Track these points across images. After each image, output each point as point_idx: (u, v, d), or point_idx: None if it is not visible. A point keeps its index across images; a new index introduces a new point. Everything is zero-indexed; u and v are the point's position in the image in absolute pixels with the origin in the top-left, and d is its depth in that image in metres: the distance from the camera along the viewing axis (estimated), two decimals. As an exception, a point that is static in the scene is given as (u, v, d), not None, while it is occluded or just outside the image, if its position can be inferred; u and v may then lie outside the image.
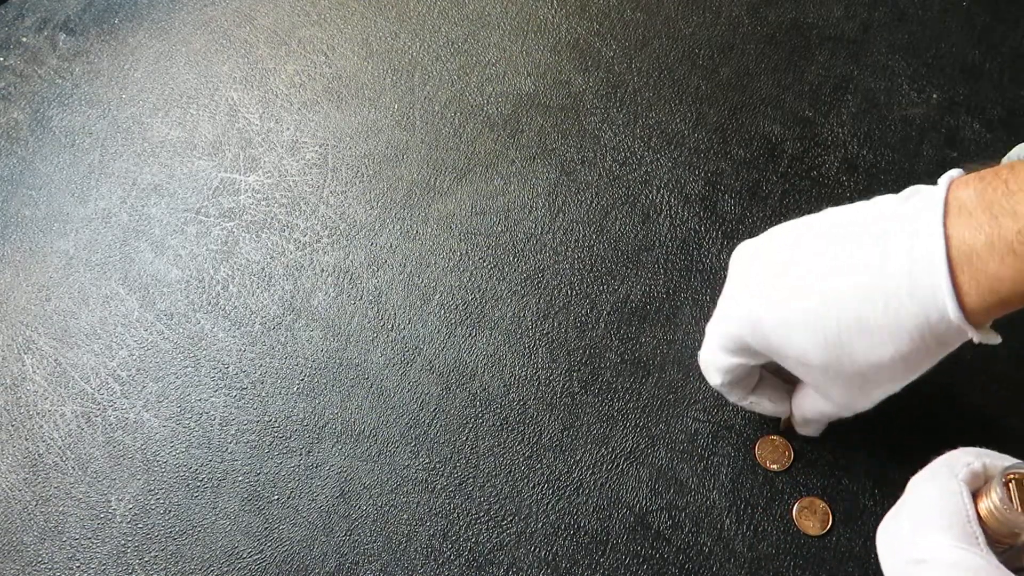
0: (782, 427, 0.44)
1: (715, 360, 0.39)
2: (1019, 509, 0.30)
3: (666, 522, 0.43)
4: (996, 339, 0.32)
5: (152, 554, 0.45)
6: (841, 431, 0.43)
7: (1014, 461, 0.31)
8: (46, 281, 0.55)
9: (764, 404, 0.42)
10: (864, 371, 0.33)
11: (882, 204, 0.34)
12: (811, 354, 0.34)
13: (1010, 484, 0.30)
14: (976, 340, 0.31)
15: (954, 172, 0.33)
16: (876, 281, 0.31)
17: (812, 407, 0.40)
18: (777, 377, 0.43)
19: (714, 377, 0.40)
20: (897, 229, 0.31)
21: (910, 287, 0.30)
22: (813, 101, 0.54)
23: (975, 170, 0.32)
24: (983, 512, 0.30)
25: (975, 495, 0.31)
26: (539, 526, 0.44)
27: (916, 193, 0.33)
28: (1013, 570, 0.31)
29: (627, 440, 0.45)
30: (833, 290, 0.32)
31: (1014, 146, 0.50)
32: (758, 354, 0.37)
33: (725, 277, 0.49)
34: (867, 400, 0.36)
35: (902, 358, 0.32)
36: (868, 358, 0.33)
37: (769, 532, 0.42)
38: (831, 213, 0.36)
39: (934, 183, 0.33)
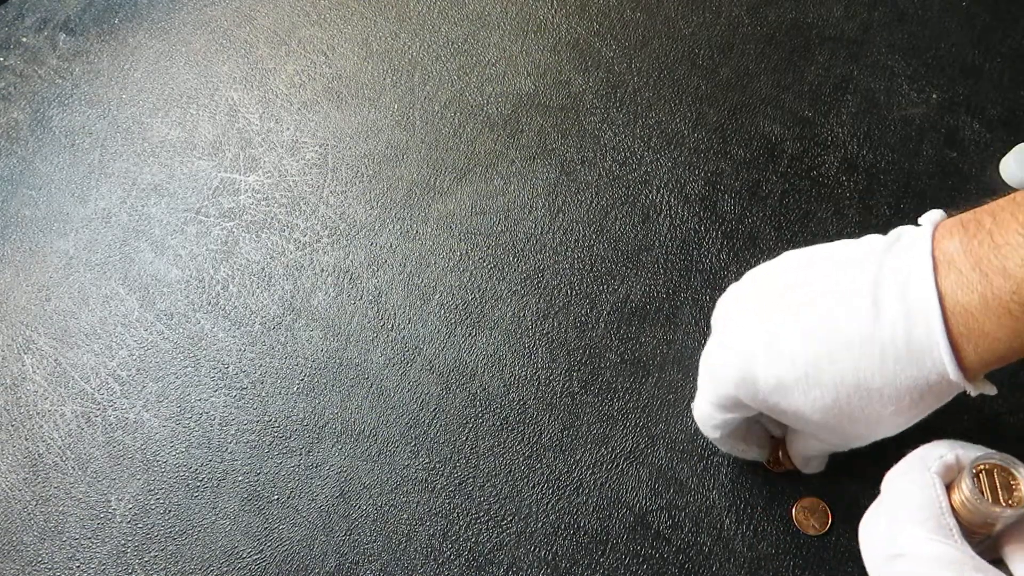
0: (770, 463, 0.44)
1: (711, 417, 0.39)
2: (989, 499, 0.30)
3: (666, 522, 0.43)
4: (992, 390, 0.32)
5: (152, 554, 0.45)
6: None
7: (985, 451, 0.31)
8: (46, 281, 0.55)
9: (753, 451, 0.42)
10: (862, 426, 0.34)
11: (867, 249, 0.33)
12: (808, 414, 0.34)
13: (980, 475, 0.30)
14: (973, 394, 0.32)
15: (935, 215, 0.32)
16: (871, 342, 0.31)
17: (810, 447, 0.40)
18: (761, 423, 0.43)
19: (710, 432, 0.40)
20: (889, 282, 0.31)
21: (907, 348, 0.30)
22: (813, 101, 0.54)
23: (953, 213, 0.32)
24: (956, 503, 0.31)
25: (949, 487, 0.31)
26: (539, 526, 0.44)
27: (900, 238, 0.33)
28: (991, 561, 0.31)
29: (627, 440, 0.45)
30: (828, 352, 0.32)
31: (1014, 146, 0.50)
32: (748, 408, 0.37)
33: (725, 277, 0.49)
34: (862, 442, 0.36)
35: (900, 414, 0.33)
36: (867, 416, 0.33)
37: (769, 532, 0.42)
38: (816, 256, 0.35)
39: (933, 183, 0.33)
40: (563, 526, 0.44)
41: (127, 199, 0.57)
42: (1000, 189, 0.50)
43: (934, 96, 0.54)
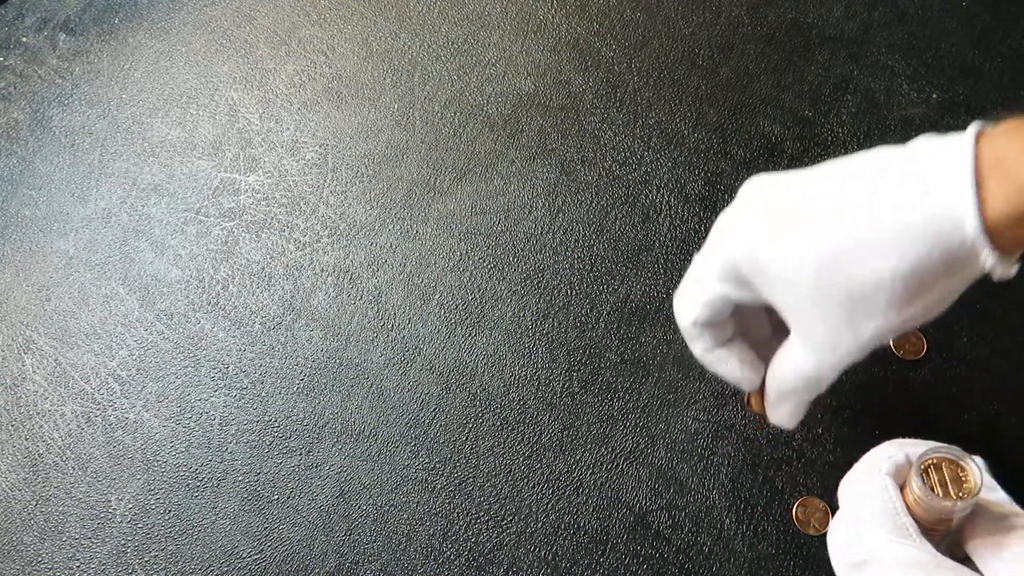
0: (751, 409, 0.41)
1: (696, 290, 0.35)
2: (940, 494, 0.30)
3: (666, 522, 0.43)
4: (1013, 270, 0.27)
5: (152, 554, 0.45)
6: (840, 431, 0.43)
7: (932, 446, 0.31)
8: (46, 281, 0.55)
9: (731, 363, 0.37)
10: (858, 292, 0.29)
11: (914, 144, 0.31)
12: (803, 270, 0.30)
13: (928, 471, 0.30)
14: (989, 265, 0.27)
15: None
16: (886, 185, 0.28)
17: (790, 368, 0.35)
18: (748, 343, 0.39)
19: (690, 311, 0.36)
20: (925, 151, 0.29)
21: (923, 188, 0.27)
22: (813, 101, 0.54)
23: None
24: (909, 502, 0.31)
25: (902, 488, 0.31)
26: (539, 526, 0.44)
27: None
28: (956, 558, 0.31)
29: (627, 440, 0.45)
30: (838, 202, 0.29)
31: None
32: (744, 287, 0.34)
33: (725, 277, 0.49)
34: (854, 339, 0.31)
35: (902, 277, 0.28)
36: (864, 274, 0.29)
37: (769, 532, 0.42)
38: (858, 155, 0.32)
39: None
40: (563, 526, 0.44)
41: (127, 199, 0.57)
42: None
43: (934, 96, 0.54)
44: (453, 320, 0.50)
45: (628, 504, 0.44)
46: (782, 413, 0.37)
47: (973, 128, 0.28)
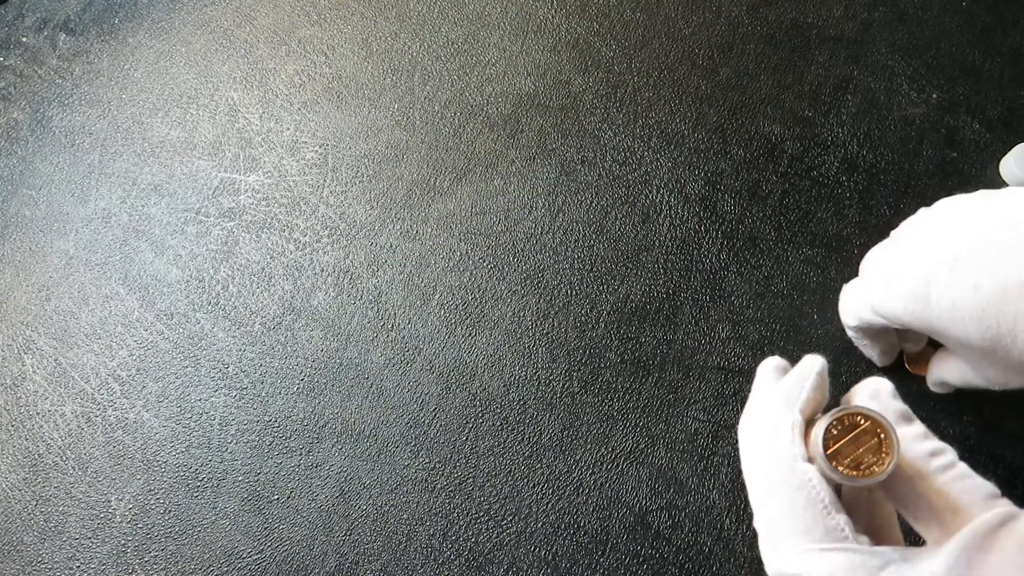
0: (907, 361, 0.44)
1: (860, 313, 0.39)
2: (852, 472, 0.26)
3: (666, 522, 0.43)
4: None
5: (152, 554, 0.45)
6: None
7: (832, 412, 0.27)
8: (46, 281, 0.55)
9: (874, 352, 0.43)
10: None
11: None
12: (975, 342, 0.32)
13: (830, 441, 0.26)
14: None
15: None
16: None
17: (958, 377, 0.38)
18: (898, 335, 0.43)
19: (850, 319, 0.40)
20: None
21: None
22: (813, 101, 0.54)
23: None
24: (815, 463, 0.27)
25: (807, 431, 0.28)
26: (539, 526, 0.44)
27: None
28: (878, 514, 0.28)
29: (627, 440, 0.45)
30: (1012, 280, 0.31)
31: (1014, 146, 0.50)
32: (908, 326, 0.36)
33: (725, 277, 0.49)
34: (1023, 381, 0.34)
35: None
36: None
37: (769, 532, 0.42)
38: (1013, 199, 0.34)
39: (933, 183, 0.33)
40: (563, 526, 0.44)
41: (127, 199, 0.57)
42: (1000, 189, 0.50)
43: (934, 96, 0.54)
44: (453, 320, 0.50)
45: (628, 504, 0.44)
46: (943, 389, 0.42)
47: None
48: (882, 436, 0.26)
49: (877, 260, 0.39)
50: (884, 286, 0.36)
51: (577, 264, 0.51)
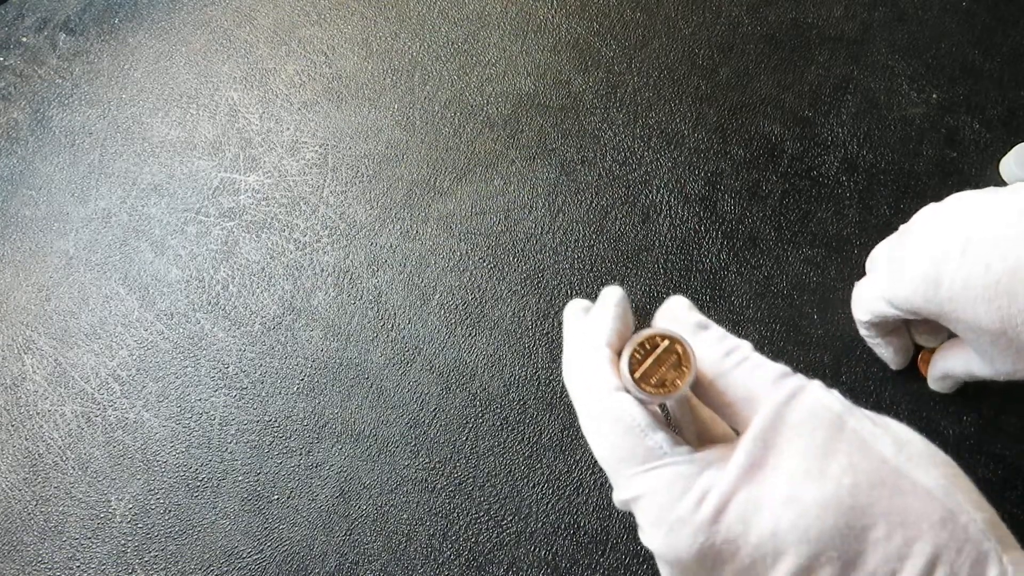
0: (920, 361, 0.45)
1: (872, 305, 0.39)
2: (655, 390, 0.27)
3: (666, 522, 0.43)
4: None
5: (152, 554, 0.45)
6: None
7: (635, 338, 0.27)
8: (46, 281, 0.55)
9: (887, 352, 0.43)
10: None
11: None
12: (985, 324, 0.33)
13: (637, 363, 0.27)
14: None
15: None
16: None
17: (964, 368, 0.39)
18: (911, 331, 0.43)
19: (862, 315, 0.41)
20: None
21: None
22: (813, 101, 0.54)
23: None
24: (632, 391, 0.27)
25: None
26: (539, 526, 0.44)
27: None
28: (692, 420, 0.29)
29: (627, 440, 0.45)
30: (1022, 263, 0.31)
31: (1014, 146, 0.50)
32: (921, 312, 0.36)
33: (725, 277, 0.49)
34: None
35: None
36: None
37: (769, 532, 0.42)
38: (1022, 192, 0.34)
39: (933, 183, 0.33)
40: (563, 526, 0.44)
41: (127, 199, 0.57)
42: (1000, 189, 0.50)
43: (934, 96, 0.54)
44: (453, 320, 0.50)
45: (628, 504, 0.44)
46: (942, 388, 0.43)
47: None
48: (680, 352, 0.27)
49: (886, 251, 0.39)
50: (896, 271, 0.37)
51: (577, 264, 0.51)
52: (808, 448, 0.25)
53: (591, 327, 0.30)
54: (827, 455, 0.24)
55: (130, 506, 0.47)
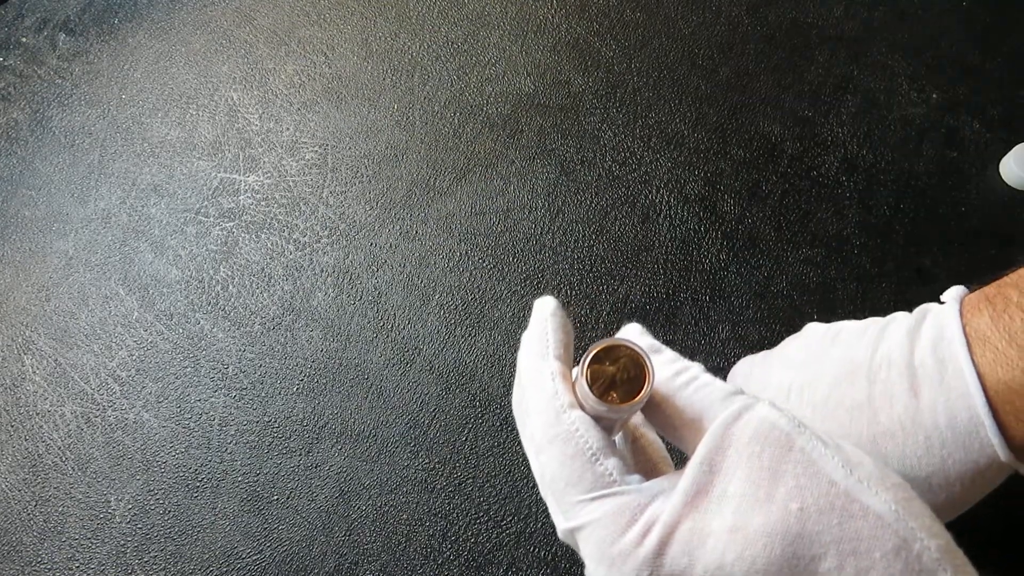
0: None
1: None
2: (612, 400, 0.26)
3: (666, 522, 0.43)
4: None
5: (152, 554, 0.45)
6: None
7: (590, 349, 0.26)
8: (46, 281, 0.55)
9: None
10: None
11: (896, 328, 0.32)
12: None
13: (591, 374, 0.26)
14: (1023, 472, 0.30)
15: (957, 291, 0.31)
16: (914, 429, 0.29)
17: None
18: None
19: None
20: (925, 365, 0.30)
21: (952, 433, 0.29)
22: (813, 101, 0.54)
23: (976, 287, 0.31)
24: (578, 397, 0.26)
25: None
26: (539, 526, 0.44)
27: (926, 316, 0.31)
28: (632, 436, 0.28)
29: (627, 440, 0.45)
30: (870, 438, 0.31)
31: (1014, 146, 0.50)
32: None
33: (725, 277, 0.49)
34: None
35: (952, 503, 0.30)
36: None
37: (769, 532, 0.42)
38: (843, 333, 0.33)
39: (933, 183, 0.33)
40: (563, 526, 0.44)
41: (127, 199, 0.57)
42: (1000, 189, 0.50)
43: (934, 96, 0.54)
44: (453, 320, 0.50)
45: (628, 504, 0.44)
46: None
47: (963, 344, 0.29)
48: (641, 364, 0.26)
49: (744, 372, 0.38)
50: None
51: (577, 264, 0.51)
52: (754, 471, 0.23)
53: (532, 343, 0.28)
54: (774, 478, 0.23)
55: (130, 506, 0.47)
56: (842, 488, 0.23)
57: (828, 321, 0.36)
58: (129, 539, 0.46)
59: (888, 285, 0.48)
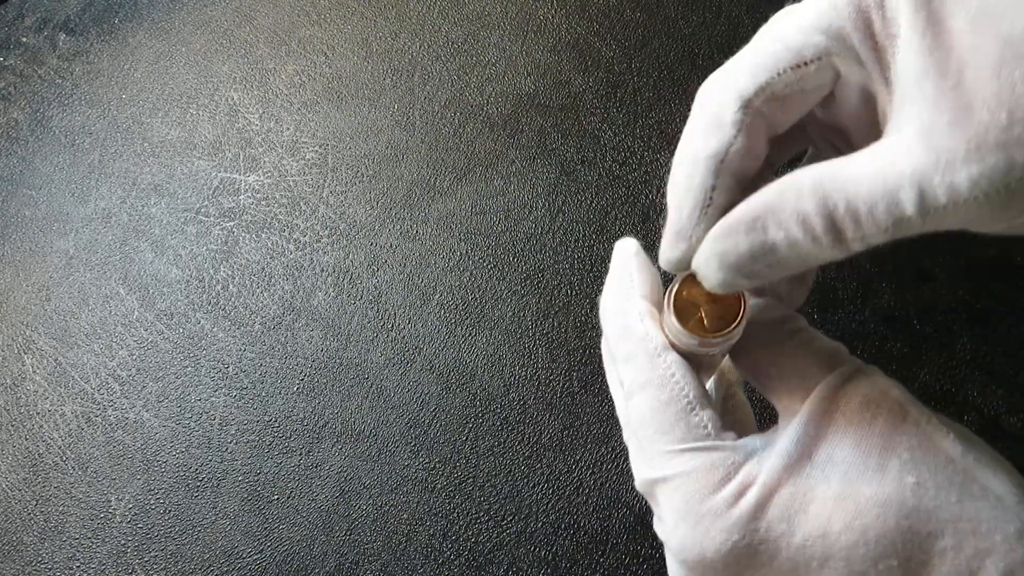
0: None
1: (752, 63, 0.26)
2: (703, 331, 0.24)
3: (666, 522, 0.43)
4: None
5: (152, 554, 0.45)
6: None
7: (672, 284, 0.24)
8: (46, 281, 0.55)
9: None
10: None
11: None
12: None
13: (681, 302, 0.24)
14: None
15: None
16: None
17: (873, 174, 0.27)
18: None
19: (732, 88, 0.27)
20: None
21: None
22: (813, 101, 0.54)
23: None
24: (665, 331, 0.24)
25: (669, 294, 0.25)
26: (539, 526, 0.44)
27: None
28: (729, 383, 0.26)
29: (627, 440, 0.45)
30: None
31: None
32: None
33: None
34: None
35: None
36: None
37: (769, 532, 0.42)
38: None
39: None
40: (563, 526, 0.44)
41: (127, 199, 0.57)
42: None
43: (934, 96, 0.54)
44: (453, 320, 0.50)
45: (628, 504, 0.44)
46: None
47: None
48: (733, 297, 0.24)
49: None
50: None
51: (577, 264, 0.51)
52: (864, 438, 0.22)
53: (616, 287, 0.27)
54: (887, 447, 0.22)
55: (130, 506, 0.47)
56: (960, 466, 0.21)
57: (828, 320, 0.36)
58: (130, 538, 0.46)
59: (888, 285, 0.48)
